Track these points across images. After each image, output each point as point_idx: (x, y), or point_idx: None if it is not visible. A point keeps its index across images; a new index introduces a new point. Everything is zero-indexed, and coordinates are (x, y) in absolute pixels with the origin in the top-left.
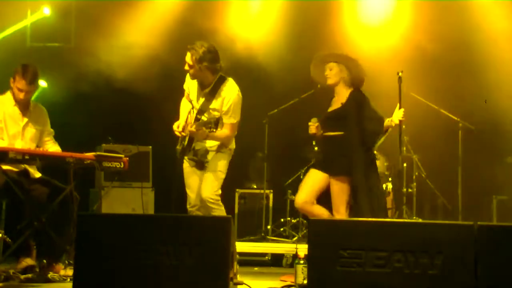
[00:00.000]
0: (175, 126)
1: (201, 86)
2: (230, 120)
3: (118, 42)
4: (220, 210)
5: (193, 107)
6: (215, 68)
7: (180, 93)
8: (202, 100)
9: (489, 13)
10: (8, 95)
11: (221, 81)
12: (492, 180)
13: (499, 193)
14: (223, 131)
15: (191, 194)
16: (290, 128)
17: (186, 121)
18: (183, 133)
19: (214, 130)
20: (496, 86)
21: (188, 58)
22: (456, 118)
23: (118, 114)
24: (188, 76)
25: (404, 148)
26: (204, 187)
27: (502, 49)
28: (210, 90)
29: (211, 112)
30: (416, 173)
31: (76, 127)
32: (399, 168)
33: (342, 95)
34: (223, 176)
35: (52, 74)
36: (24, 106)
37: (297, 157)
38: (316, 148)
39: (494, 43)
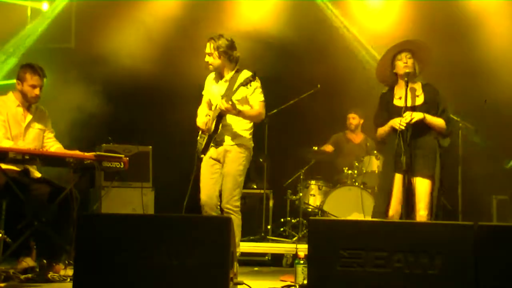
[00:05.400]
0: (200, 123)
1: (220, 76)
2: (259, 98)
3: (118, 42)
4: (237, 219)
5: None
6: (232, 55)
7: (181, 93)
8: (224, 88)
9: (489, 11)
10: (10, 96)
11: (239, 71)
12: (492, 180)
13: (499, 193)
14: (254, 109)
15: (203, 194)
16: (290, 128)
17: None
18: (205, 128)
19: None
20: (496, 85)
21: (208, 47)
22: (456, 118)
23: (118, 114)
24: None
25: None
26: (224, 194)
27: (502, 47)
28: (231, 79)
29: (234, 97)
30: None
31: (76, 127)
32: None
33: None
34: (242, 179)
35: (52, 75)
36: (27, 107)
37: (297, 157)
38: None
39: (494, 42)
